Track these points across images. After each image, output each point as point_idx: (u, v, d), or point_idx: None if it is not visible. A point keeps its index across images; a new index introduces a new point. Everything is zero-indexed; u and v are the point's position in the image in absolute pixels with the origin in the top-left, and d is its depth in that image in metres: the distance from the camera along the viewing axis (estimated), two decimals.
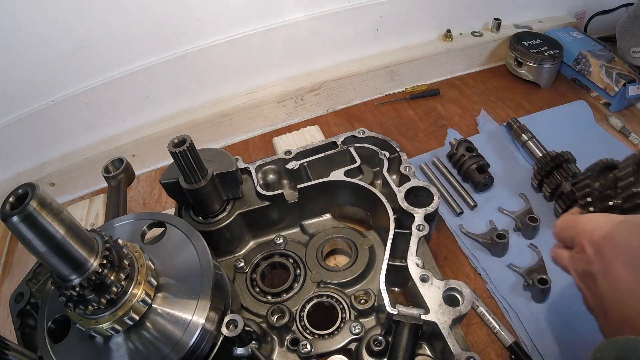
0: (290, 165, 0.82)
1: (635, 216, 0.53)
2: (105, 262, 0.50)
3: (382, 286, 0.63)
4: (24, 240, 0.43)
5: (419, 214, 0.70)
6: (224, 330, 0.58)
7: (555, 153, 0.94)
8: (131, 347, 0.54)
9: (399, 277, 0.68)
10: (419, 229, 0.68)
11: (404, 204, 0.72)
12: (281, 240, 0.81)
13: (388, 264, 0.66)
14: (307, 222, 0.85)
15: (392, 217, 0.71)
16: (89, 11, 0.94)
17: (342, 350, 0.67)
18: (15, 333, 0.65)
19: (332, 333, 0.69)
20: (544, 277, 0.79)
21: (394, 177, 0.81)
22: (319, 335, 0.69)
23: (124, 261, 0.53)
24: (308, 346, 0.66)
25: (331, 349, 0.66)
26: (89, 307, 0.50)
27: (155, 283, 0.56)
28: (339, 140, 0.85)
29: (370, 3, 1.17)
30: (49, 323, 0.58)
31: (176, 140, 0.67)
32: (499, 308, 0.80)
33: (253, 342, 0.63)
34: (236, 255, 0.83)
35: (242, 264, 0.78)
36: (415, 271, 0.64)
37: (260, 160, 0.83)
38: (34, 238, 0.43)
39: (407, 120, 1.22)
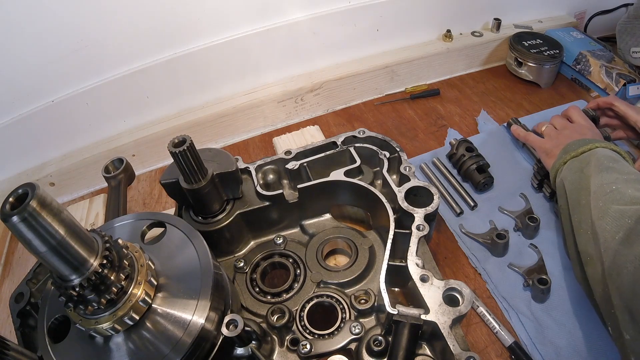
0: (290, 165, 0.82)
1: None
2: (105, 262, 0.49)
3: (382, 286, 0.63)
4: (24, 240, 0.43)
5: (419, 214, 0.70)
6: (224, 330, 0.58)
7: None
8: (131, 347, 0.54)
9: (399, 277, 0.68)
10: (419, 229, 0.68)
11: (404, 204, 0.72)
12: (281, 240, 0.81)
13: (388, 264, 0.66)
14: (307, 222, 0.85)
15: (392, 217, 0.71)
16: (89, 11, 0.94)
17: (342, 350, 0.66)
18: (15, 333, 0.65)
19: (332, 333, 0.69)
20: (544, 277, 0.79)
21: (394, 177, 0.81)
22: (319, 335, 0.69)
23: (124, 261, 0.53)
24: (308, 346, 0.66)
25: (331, 349, 0.66)
26: (89, 307, 0.50)
27: (155, 283, 0.56)
28: (339, 140, 0.85)
29: (370, 3, 1.17)
30: (49, 323, 0.58)
31: (176, 140, 0.67)
32: (499, 308, 0.80)
33: (253, 342, 0.63)
34: (236, 255, 0.83)
35: (242, 264, 0.78)
36: (415, 271, 0.64)
37: (260, 160, 0.83)
38: (34, 238, 0.43)
39: (407, 120, 1.22)
